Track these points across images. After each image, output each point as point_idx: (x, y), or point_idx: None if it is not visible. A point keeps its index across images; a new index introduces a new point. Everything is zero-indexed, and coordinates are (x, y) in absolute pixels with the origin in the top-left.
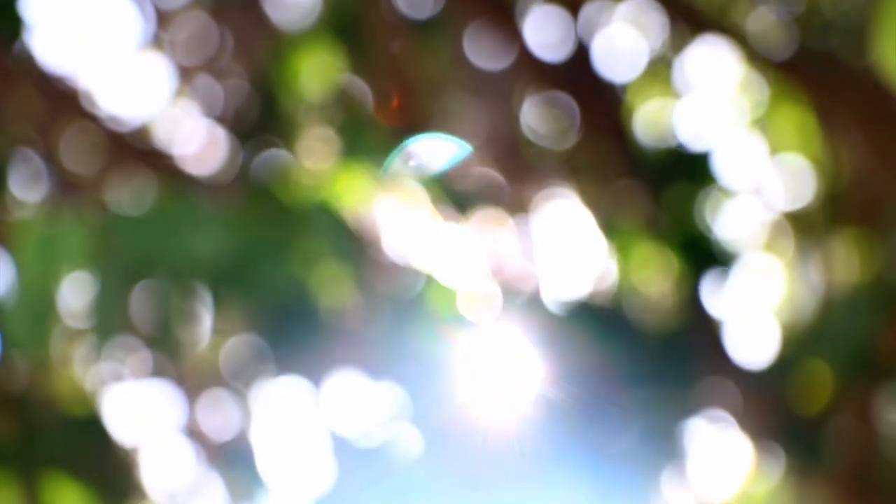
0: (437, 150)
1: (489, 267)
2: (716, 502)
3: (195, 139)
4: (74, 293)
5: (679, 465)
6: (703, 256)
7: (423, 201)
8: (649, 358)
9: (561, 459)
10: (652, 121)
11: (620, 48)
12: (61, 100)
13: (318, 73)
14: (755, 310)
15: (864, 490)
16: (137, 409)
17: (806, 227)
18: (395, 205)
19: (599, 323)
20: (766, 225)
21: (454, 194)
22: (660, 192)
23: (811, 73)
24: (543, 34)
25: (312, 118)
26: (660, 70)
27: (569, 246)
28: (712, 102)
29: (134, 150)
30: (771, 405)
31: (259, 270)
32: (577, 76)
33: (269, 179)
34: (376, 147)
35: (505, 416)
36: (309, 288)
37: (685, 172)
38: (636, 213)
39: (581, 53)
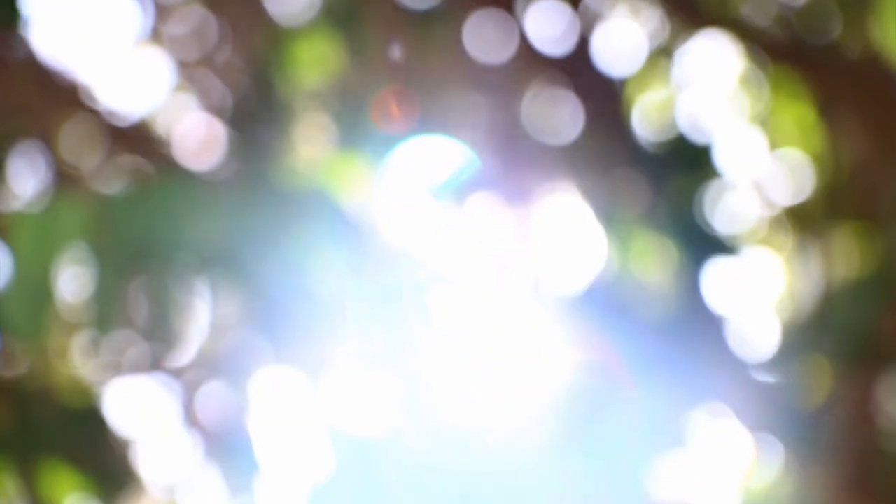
0: (436, 141)
1: (488, 255)
2: (715, 494)
3: (193, 132)
4: (72, 283)
5: (678, 454)
6: (703, 247)
7: (420, 189)
8: (648, 348)
9: (559, 447)
10: (652, 113)
11: (621, 41)
12: (59, 92)
13: (316, 62)
14: (755, 300)
15: (864, 482)
16: (135, 398)
17: (805, 221)
18: (393, 192)
19: (598, 312)
20: (766, 218)
21: (452, 183)
22: (660, 182)
23: (811, 62)
24: (544, 26)
25: (310, 106)
26: (660, 63)
27: (569, 236)
28: (712, 95)
29: (132, 142)
30: (771, 396)
31: (255, 256)
32: (577, 69)
33: (266, 166)
34: (374, 136)
35: (503, 404)
36: (305, 274)
37: (685, 163)
38: (636, 203)
39: (581, 46)
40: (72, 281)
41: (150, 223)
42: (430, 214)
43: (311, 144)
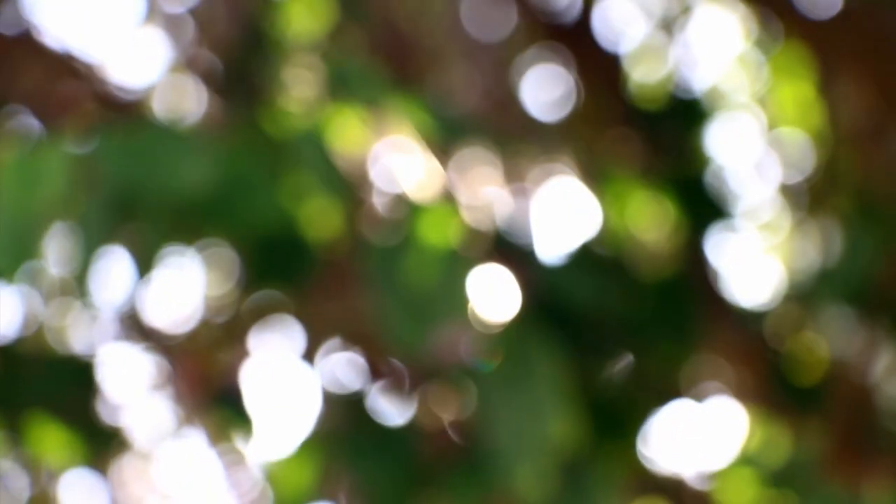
0: (430, 95)
1: (481, 207)
2: (709, 454)
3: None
4: (58, 241)
5: (672, 414)
6: (702, 204)
7: (414, 138)
8: (645, 306)
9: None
10: (651, 74)
11: (623, 11)
12: (52, 61)
13: (310, 19)
14: (753, 258)
15: (860, 445)
16: (124, 355)
17: (806, 197)
18: (385, 139)
19: (595, 270)
20: (765, 195)
21: (446, 130)
22: (657, 139)
23: (812, 18)
24: None
25: (303, 54)
26: (661, 32)
27: (565, 193)
28: (714, 64)
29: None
30: (768, 356)
31: (245, 202)
32: (576, 34)
33: (256, 112)
34: (367, 85)
35: (494, 356)
36: (296, 221)
37: (683, 120)
38: (633, 160)
39: (581, 13)
40: (58, 240)
41: (135, 162)
42: (421, 159)
43: (302, 88)
